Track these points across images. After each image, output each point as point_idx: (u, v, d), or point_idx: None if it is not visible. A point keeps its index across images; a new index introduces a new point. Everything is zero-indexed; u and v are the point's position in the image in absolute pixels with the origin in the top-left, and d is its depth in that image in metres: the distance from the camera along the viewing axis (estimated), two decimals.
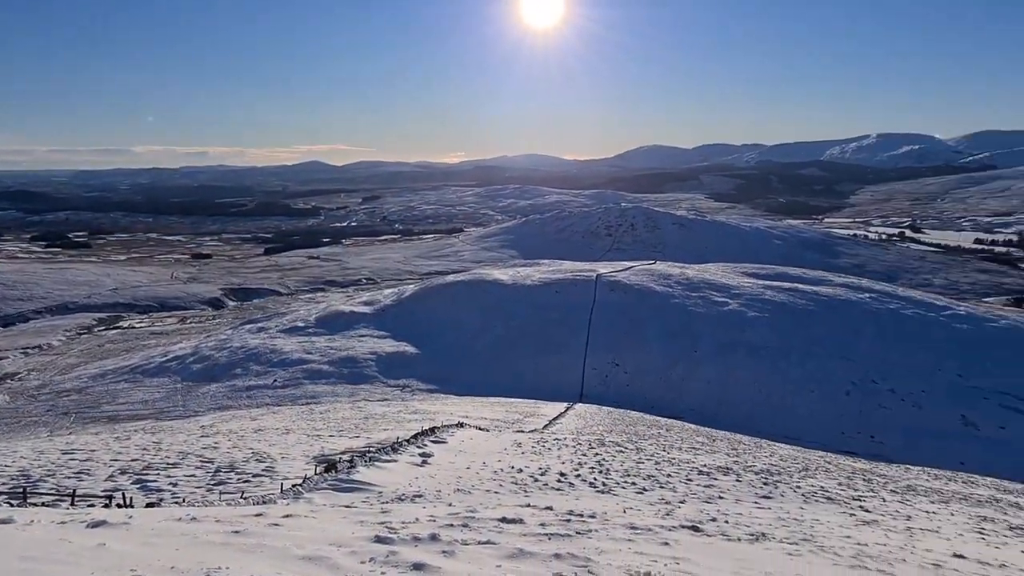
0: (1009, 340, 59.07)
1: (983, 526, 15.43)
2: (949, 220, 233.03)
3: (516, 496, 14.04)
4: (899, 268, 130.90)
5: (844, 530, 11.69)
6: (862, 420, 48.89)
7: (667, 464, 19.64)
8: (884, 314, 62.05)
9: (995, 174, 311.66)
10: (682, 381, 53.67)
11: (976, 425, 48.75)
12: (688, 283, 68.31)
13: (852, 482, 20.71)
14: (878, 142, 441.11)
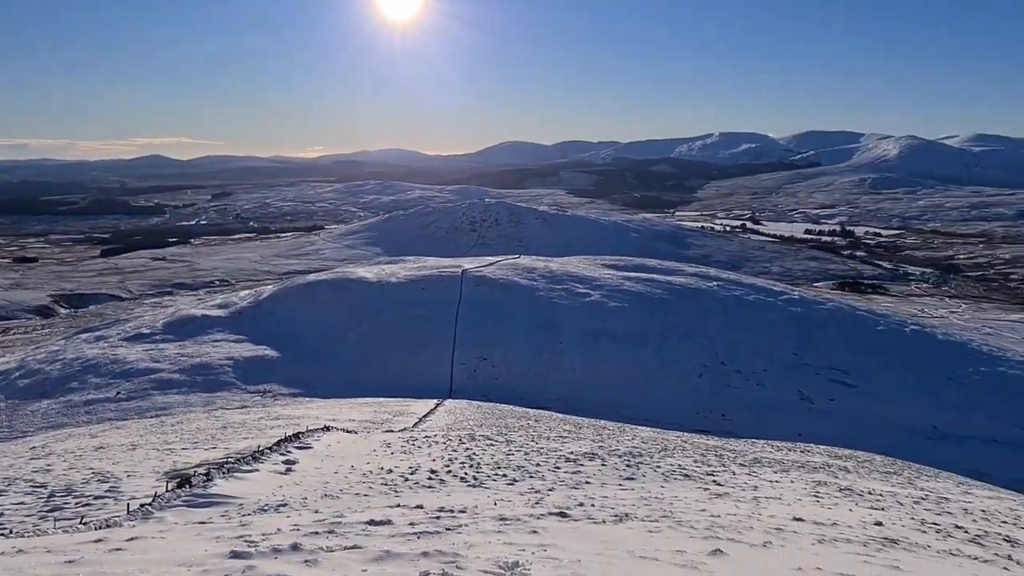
0: (835, 321, 65.35)
1: (818, 490, 16.92)
2: (783, 212, 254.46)
3: (386, 497, 13.74)
4: (742, 257, 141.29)
5: (700, 504, 12.39)
6: (714, 400, 52.35)
7: (536, 454, 20.00)
8: (730, 300, 66.68)
9: (820, 170, 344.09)
10: (548, 372, 55.01)
11: (810, 399, 53.61)
12: (552, 276, 70.09)
13: (706, 458, 22.04)
14: (721, 140, 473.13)
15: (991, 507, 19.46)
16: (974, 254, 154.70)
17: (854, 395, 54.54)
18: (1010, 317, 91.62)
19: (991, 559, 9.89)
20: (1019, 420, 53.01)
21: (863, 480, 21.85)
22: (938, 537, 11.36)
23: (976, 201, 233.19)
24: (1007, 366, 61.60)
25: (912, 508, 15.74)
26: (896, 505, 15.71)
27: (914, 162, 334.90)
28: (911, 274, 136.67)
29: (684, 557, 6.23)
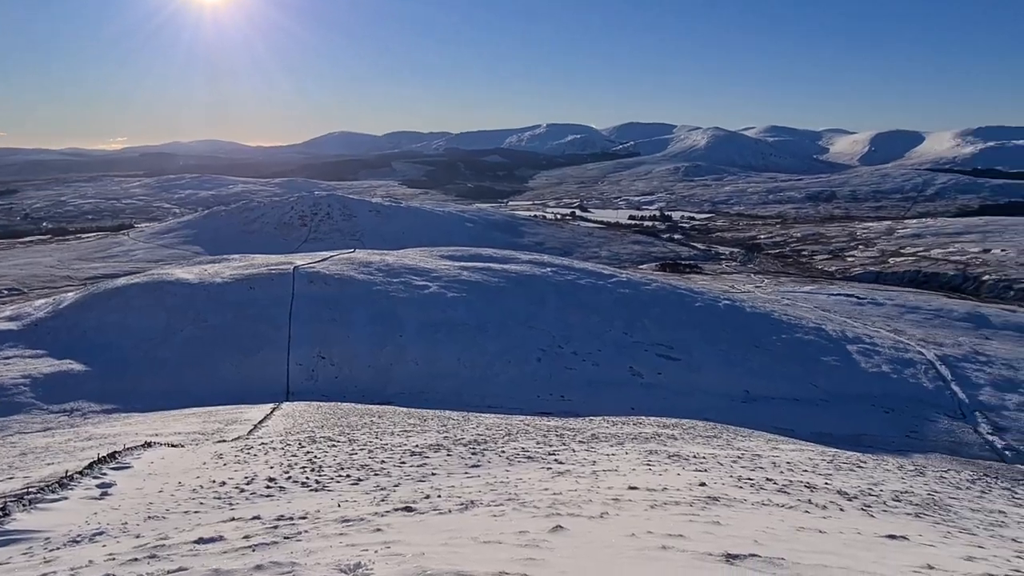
0: (659, 300, 70.09)
1: (650, 459, 18.05)
2: (608, 200, 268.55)
3: (219, 512, 12.85)
4: (573, 243, 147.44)
5: (543, 484, 12.74)
6: (552, 382, 54.30)
7: (380, 451, 19.63)
8: (564, 285, 69.38)
9: (639, 160, 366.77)
10: (390, 366, 54.30)
11: (641, 374, 57.17)
12: (389, 269, 69.11)
13: (548, 439, 22.77)
14: (548, 131, 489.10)
15: (795, 459, 21.80)
16: (772, 234, 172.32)
17: (678, 368, 58.92)
18: (803, 289, 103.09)
19: (795, 504, 11.06)
20: (814, 380, 59.94)
21: (688, 445, 23.64)
22: (752, 491, 12.53)
23: (772, 186, 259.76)
24: (803, 332, 69.35)
25: (730, 467, 17.26)
26: (717, 466, 17.14)
27: (719, 151, 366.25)
28: (722, 254, 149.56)
29: (526, 537, 6.35)
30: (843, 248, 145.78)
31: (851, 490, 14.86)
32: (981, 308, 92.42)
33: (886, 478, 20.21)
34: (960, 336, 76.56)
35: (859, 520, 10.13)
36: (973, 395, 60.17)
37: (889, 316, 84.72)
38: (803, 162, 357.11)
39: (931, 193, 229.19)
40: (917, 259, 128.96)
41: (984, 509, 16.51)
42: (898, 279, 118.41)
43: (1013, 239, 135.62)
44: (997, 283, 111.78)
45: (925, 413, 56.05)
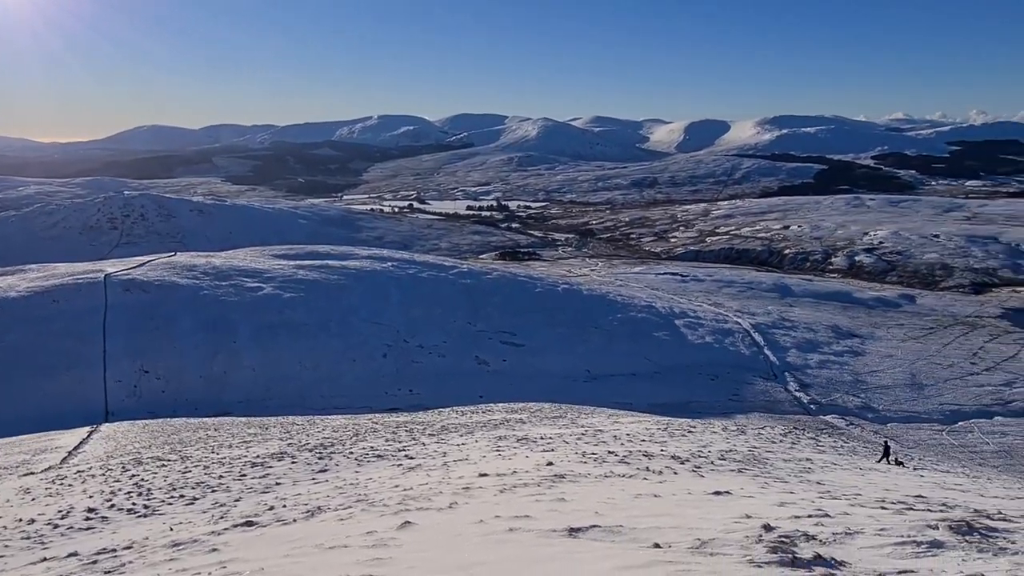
0: (500, 288, 71.45)
1: (499, 444, 18.35)
2: (446, 191, 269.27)
3: (28, 553, 11.44)
4: (412, 236, 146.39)
5: (394, 481, 12.53)
6: (400, 377, 53.74)
7: (217, 465, 18.43)
8: (405, 279, 68.75)
9: (474, 151, 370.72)
10: (225, 374, 51.14)
11: (487, 362, 58.04)
12: (217, 272, 64.89)
13: (397, 435, 22.49)
14: (380, 123, 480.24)
15: (634, 430, 23.12)
16: (603, 219, 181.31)
17: (523, 353, 60.49)
18: (634, 270, 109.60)
19: (634, 473, 11.70)
20: (648, 355, 63.95)
21: (536, 427, 24.33)
22: (596, 465, 13.10)
23: (600, 174, 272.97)
24: (636, 311, 73.69)
25: (576, 444, 17.97)
26: (563, 444, 17.77)
27: (550, 141, 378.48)
28: (558, 240, 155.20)
29: (374, 537, 6.20)
30: (667, 230, 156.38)
31: (683, 454, 16.00)
32: (785, 279, 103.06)
33: (713, 440, 21.99)
34: (769, 305, 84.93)
35: (690, 481, 10.89)
36: (782, 357, 67.03)
37: (709, 291, 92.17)
38: (627, 151, 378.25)
39: (739, 177, 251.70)
40: (730, 237, 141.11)
41: (794, 459, 18.43)
42: (715, 256, 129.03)
43: (807, 216, 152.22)
44: (796, 256, 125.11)
45: (744, 377, 61.65)
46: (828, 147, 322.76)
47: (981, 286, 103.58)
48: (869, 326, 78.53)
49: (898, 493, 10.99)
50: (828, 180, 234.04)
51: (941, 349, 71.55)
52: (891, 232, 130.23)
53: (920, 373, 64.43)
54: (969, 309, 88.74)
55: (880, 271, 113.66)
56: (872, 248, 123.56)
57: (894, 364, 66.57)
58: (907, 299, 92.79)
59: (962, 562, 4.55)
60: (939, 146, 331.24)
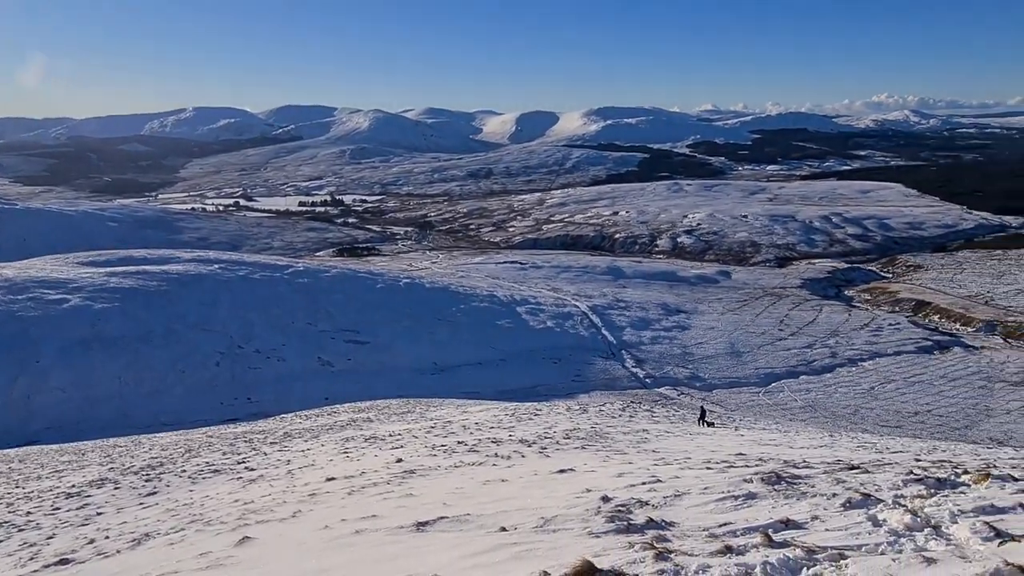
0: (340, 285, 69.51)
1: (347, 446, 17.89)
2: (275, 187, 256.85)
3: None
4: (241, 236, 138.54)
5: (233, 495, 11.83)
6: (236, 386, 50.74)
7: (24, 501, 16.44)
8: (236, 281, 64.91)
9: (303, 144, 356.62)
10: (29, 399, 45.64)
11: (331, 363, 56.30)
12: (11, 285, 57.63)
13: (236, 447, 21.25)
14: (196, 115, 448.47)
15: (482, 419, 23.45)
16: (442, 211, 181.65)
17: (368, 351, 59.29)
18: (475, 260, 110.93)
19: (483, 461, 11.87)
20: (493, 343, 65.06)
21: (385, 425, 23.98)
22: (446, 456, 13.15)
23: (436, 166, 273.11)
24: (478, 301, 74.64)
25: (425, 438, 17.91)
26: (412, 440, 17.65)
27: (383, 133, 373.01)
28: (397, 234, 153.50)
29: (208, 558, 5.81)
30: (504, 220, 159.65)
31: (531, 437, 16.46)
32: (617, 262, 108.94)
33: (558, 421, 22.82)
34: (604, 288, 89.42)
35: (537, 462, 11.23)
36: (619, 336, 70.85)
37: (548, 277, 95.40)
38: (461, 142, 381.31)
39: (570, 166, 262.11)
40: (565, 225, 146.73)
41: (633, 431, 19.58)
42: (552, 244, 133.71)
43: (634, 202, 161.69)
44: (626, 239, 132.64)
45: (585, 358, 64.48)
46: (648, 137, 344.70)
47: (784, 260, 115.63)
48: (693, 302, 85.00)
49: (722, 453, 12.00)
50: (650, 168, 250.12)
51: (754, 319, 78.99)
52: (707, 214, 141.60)
53: (738, 342, 70.74)
54: (775, 281, 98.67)
55: (700, 250, 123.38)
56: (692, 230, 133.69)
57: (716, 335, 72.58)
58: (724, 275, 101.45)
59: (772, 509, 5.04)
60: (743, 135, 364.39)
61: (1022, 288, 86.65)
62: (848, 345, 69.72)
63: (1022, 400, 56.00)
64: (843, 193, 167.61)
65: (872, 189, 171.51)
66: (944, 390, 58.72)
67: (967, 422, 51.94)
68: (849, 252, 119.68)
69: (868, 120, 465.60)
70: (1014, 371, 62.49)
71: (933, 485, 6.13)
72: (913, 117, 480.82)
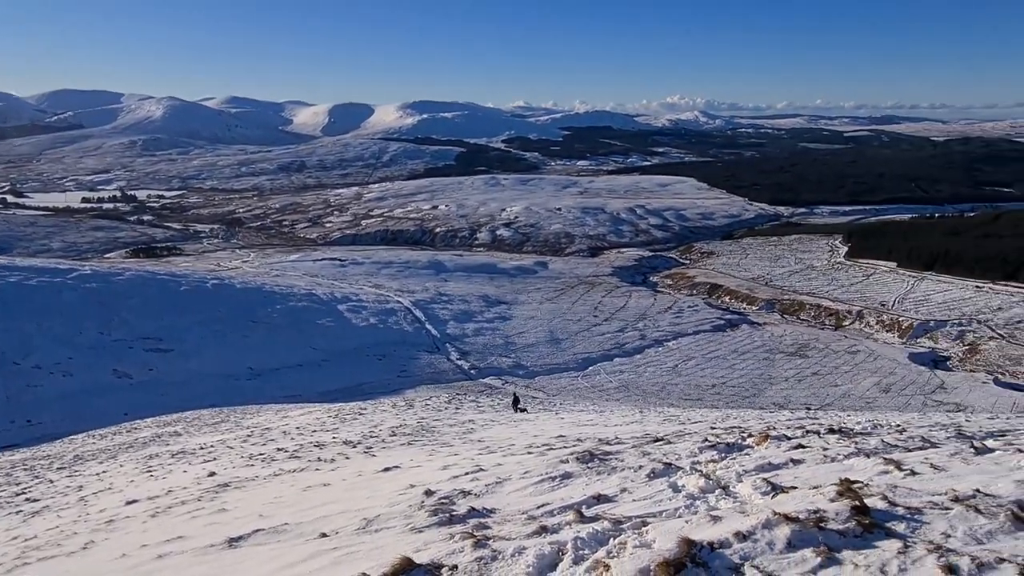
0: (137, 289, 63.44)
1: (151, 464, 16.40)
2: (51, 181, 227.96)
3: None
4: (11, 237, 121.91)
5: (12, 532, 10.42)
6: (14, 407, 44.69)
7: None
8: (6, 288, 57.07)
9: (85, 133, 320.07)
10: None
11: (129, 375, 51.26)
12: None
13: (12, 477, 18.74)
14: None
15: (304, 422, 22.56)
16: (252, 207, 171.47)
17: (173, 359, 54.72)
18: (291, 258, 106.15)
19: (305, 466, 11.42)
20: (313, 343, 62.76)
21: (195, 438, 22.28)
22: (264, 465, 12.48)
23: (243, 159, 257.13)
24: (296, 300, 71.61)
25: (241, 447, 16.88)
26: (227, 451, 16.56)
27: (179, 123, 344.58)
28: (201, 232, 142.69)
29: None
30: (321, 215, 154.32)
31: (355, 437, 16.09)
32: (438, 256, 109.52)
33: (384, 418, 22.51)
34: (426, 282, 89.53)
35: (362, 463, 11.00)
36: (443, 330, 71.32)
37: (369, 273, 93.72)
38: (270, 133, 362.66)
39: (387, 160, 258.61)
40: (384, 219, 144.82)
41: (459, 422, 19.80)
42: (372, 239, 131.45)
43: (453, 196, 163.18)
44: (446, 233, 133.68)
45: (410, 353, 64.20)
46: (464, 131, 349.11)
47: (596, 250, 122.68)
48: (513, 292, 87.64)
49: (544, 437, 12.49)
50: (468, 162, 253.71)
51: (571, 306, 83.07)
52: (523, 208, 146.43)
53: (557, 329, 74.03)
54: (588, 270, 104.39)
55: (518, 243, 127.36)
56: (510, 223, 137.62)
57: (536, 324, 75.42)
58: (541, 266, 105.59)
59: (586, 486, 5.32)
60: (554, 131, 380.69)
61: (794, 270, 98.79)
62: (655, 327, 75.53)
63: (797, 368, 63.96)
64: (645, 187, 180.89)
65: (670, 183, 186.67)
66: (736, 363, 65.52)
67: (755, 390, 58.38)
68: (652, 241, 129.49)
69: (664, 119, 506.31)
70: (790, 343, 71.16)
71: (723, 450, 6.80)
72: (702, 118, 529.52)
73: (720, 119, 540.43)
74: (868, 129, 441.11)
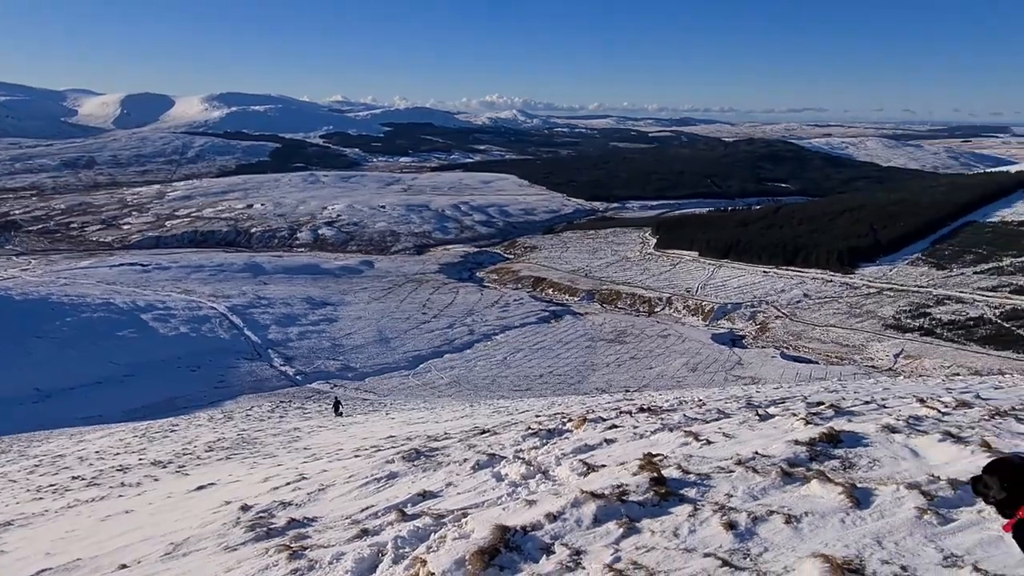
0: None
1: None
2: None
3: None
4: None
5: None
6: None
7: None
8: None
9: None
10: None
11: None
12: None
13: None
14: None
15: (104, 446, 20.47)
16: (31, 208, 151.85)
17: None
18: (81, 264, 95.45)
19: (107, 494, 10.38)
20: (114, 357, 57.00)
21: None
22: (56, 497, 11.17)
23: (18, 153, 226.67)
24: (90, 311, 64.63)
25: (27, 479, 14.98)
26: (9, 485, 14.61)
27: None
28: None
29: None
30: (117, 216, 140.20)
31: (166, 456, 14.87)
32: (256, 258, 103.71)
33: (200, 434, 21.01)
34: (243, 286, 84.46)
35: (174, 483, 10.20)
36: (264, 336, 67.73)
37: (177, 278, 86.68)
38: (50, 125, 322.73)
39: (192, 155, 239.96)
40: (192, 220, 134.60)
41: (284, 431, 18.96)
42: (178, 241, 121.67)
43: (269, 194, 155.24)
44: (264, 233, 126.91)
45: (228, 362, 60.31)
46: (278, 126, 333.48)
47: (422, 247, 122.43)
48: (339, 293, 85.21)
49: (373, 439, 12.30)
50: (284, 158, 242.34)
51: (399, 305, 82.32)
52: (346, 205, 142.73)
53: (385, 329, 73.05)
54: (415, 268, 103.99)
55: (341, 242, 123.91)
56: (332, 221, 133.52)
57: (364, 324, 73.92)
58: (367, 265, 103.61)
59: (411, 484, 5.32)
60: (375, 127, 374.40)
61: (611, 261, 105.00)
62: (483, 322, 76.94)
63: (616, 354, 68.12)
64: (468, 184, 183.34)
65: (492, 180, 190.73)
66: (561, 353, 68.49)
67: (580, 377, 61.41)
68: (477, 237, 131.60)
69: (484, 117, 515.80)
70: (609, 331, 75.61)
71: (545, 436, 7.09)
72: (520, 116, 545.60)
73: (538, 118, 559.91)
74: (670, 130, 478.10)
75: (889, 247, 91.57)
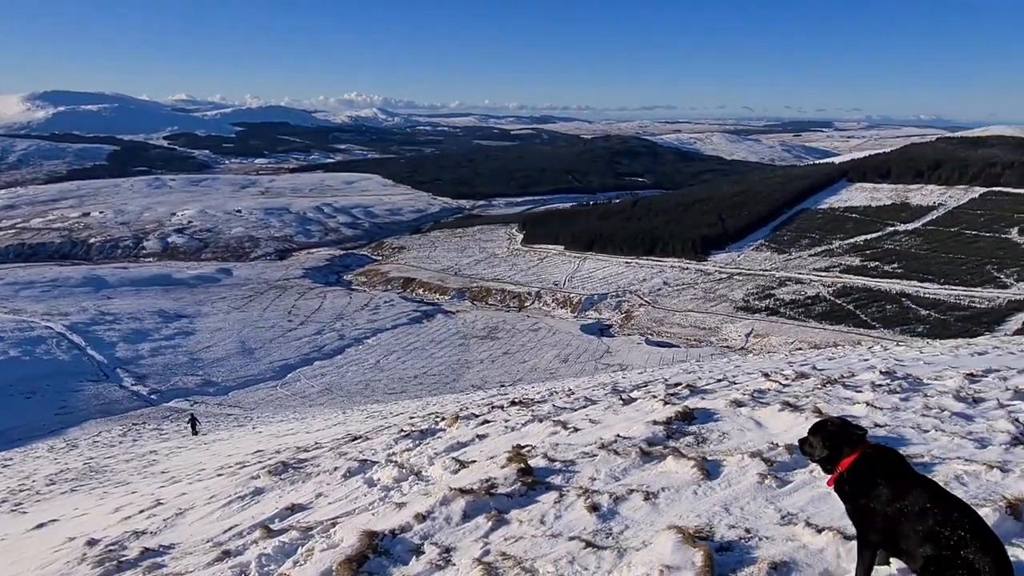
0: None
1: None
2: None
3: None
4: None
5: None
6: None
7: None
8: None
9: None
10: None
11: None
12: None
13: None
14: None
15: None
16: None
17: None
18: None
19: None
20: None
21: None
22: None
23: None
24: None
25: None
26: None
27: None
28: None
29: None
30: None
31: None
32: (96, 270, 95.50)
33: (38, 466, 19.14)
34: (83, 302, 77.54)
35: (8, 524, 9.22)
36: (111, 354, 62.57)
37: (3, 297, 78.27)
38: None
39: (14, 160, 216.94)
40: (18, 231, 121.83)
41: (137, 456, 17.63)
42: (3, 256, 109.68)
43: (108, 200, 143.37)
44: (105, 244, 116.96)
45: (70, 385, 55.23)
46: (115, 126, 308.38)
47: (284, 252, 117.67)
48: (195, 304, 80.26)
49: (239, 455, 11.70)
50: (124, 161, 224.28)
51: (262, 313, 78.73)
52: (198, 211, 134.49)
53: (248, 339, 69.64)
54: (278, 274, 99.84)
55: (195, 249, 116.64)
56: (183, 228, 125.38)
57: (224, 336, 70.07)
58: (225, 272, 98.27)
59: (279, 499, 5.11)
60: (226, 127, 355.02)
61: (479, 259, 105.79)
62: (353, 326, 75.19)
63: (490, 350, 68.79)
64: (331, 184, 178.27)
65: (355, 180, 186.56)
66: (435, 352, 68.23)
67: (455, 375, 61.46)
68: (343, 240, 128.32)
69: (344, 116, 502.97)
70: (481, 327, 76.22)
71: (417, 437, 7.05)
72: (381, 115, 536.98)
73: (399, 116, 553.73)
74: (531, 128, 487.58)
75: (736, 235, 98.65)
